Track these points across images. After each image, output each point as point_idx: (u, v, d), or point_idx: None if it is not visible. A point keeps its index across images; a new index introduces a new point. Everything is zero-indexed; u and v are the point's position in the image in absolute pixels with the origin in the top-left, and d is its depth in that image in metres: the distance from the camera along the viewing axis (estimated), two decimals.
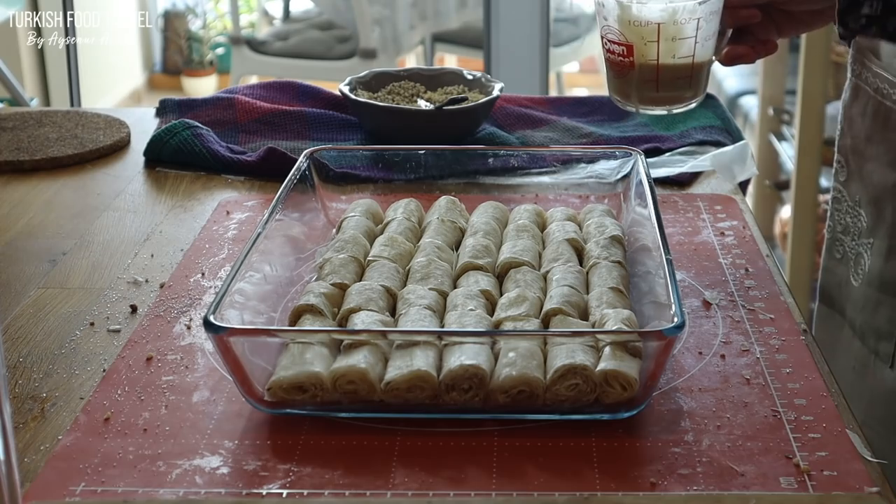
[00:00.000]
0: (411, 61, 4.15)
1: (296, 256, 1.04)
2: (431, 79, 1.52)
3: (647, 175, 1.05)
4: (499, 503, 0.73)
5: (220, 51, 5.06)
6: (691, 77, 1.02)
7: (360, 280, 0.96)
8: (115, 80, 4.73)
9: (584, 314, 0.90)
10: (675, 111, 1.05)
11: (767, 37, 1.07)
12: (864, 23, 0.82)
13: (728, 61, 1.07)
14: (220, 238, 1.14)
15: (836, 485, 0.74)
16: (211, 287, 1.02)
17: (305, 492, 0.74)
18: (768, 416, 0.81)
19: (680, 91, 1.03)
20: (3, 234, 1.17)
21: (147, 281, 1.05)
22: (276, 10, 4.83)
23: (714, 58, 1.05)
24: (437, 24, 4.06)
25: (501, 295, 0.93)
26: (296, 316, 0.90)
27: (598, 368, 0.79)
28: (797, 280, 2.64)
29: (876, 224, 1.09)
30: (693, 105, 1.05)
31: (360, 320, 0.87)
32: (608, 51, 1.03)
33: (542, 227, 1.09)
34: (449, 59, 4.19)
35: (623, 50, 1.01)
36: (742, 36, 1.06)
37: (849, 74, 1.17)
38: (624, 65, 1.01)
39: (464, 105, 1.39)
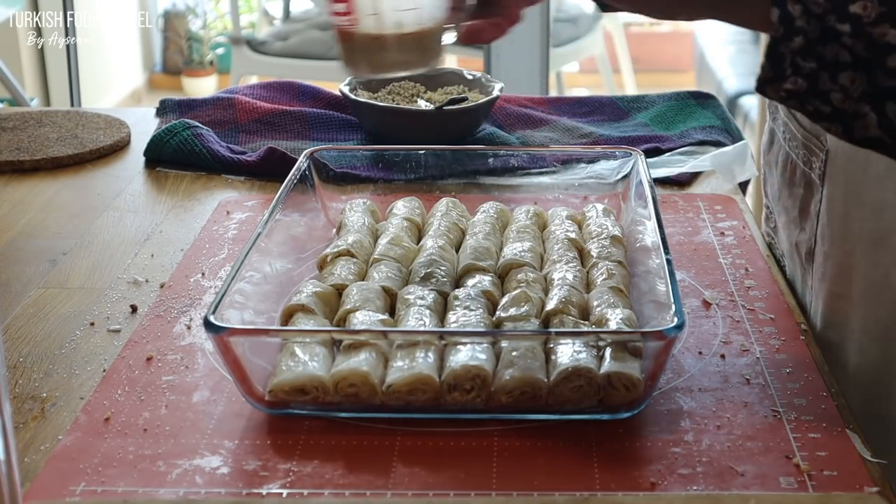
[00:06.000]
0: None
1: (296, 256, 1.04)
2: (431, 79, 1.51)
3: (647, 175, 1.05)
4: (499, 503, 0.73)
5: (220, 51, 5.06)
6: (420, 35, 0.92)
7: (361, 279, 0.96)
8: (115, 80, 4.73)
9: (584, 314, 0.90)
10: (409, 72, 0.96)
11: (512, 5, 0.93)
12: (784, 95, 0.74)
13: (467, 39, 0.95)
14: (220, 238, 1.14)
15: (836, 485, 0.74)
16: (211, 287, 1.02)
17: (305, 492, 0.74)
18: (768, 416, 0.81)
19: (411, 53, 0.93)
20: (3, 234, 1.17)
21: (147, 281, 1.05)
22: (276, 10, 4.83)
23: (453, 35, 0.94)
24: None
25: (503, 296, 0.93)
26: (287, 315, 0.90)
27: (602, 371, 0.79)
28: None
29: (791, 279, 1.06)
30: (426, 69, 0.95)
31: (360, 320, 0.87)
32: (332, 13, 0.92)
33: (543, 227, 1.09)
34: (449, 59, 4.19)
35: (344, 7, 0.91)
36: (484, 8, 0.93)
37: (767, 115, 1.12)
38: (347, 26, 0.91)
39: (464, 105, 1.39)
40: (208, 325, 0.78)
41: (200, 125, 1.39)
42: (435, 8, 0.92)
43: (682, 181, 1.29)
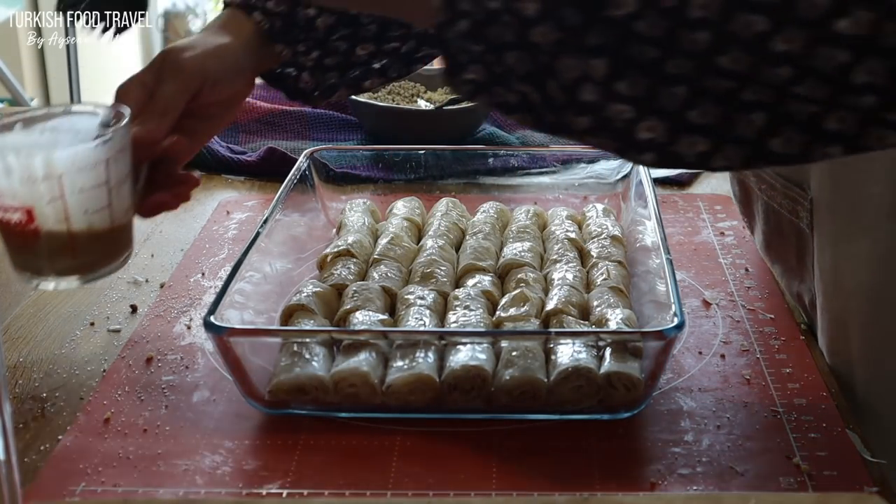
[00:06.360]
0: None
1: (296, 256, 1.04)
2: (431, 79, 1.51)
3: (648, 175, 1.05)
4: (499, 503, 0.73)
5: None
6: (112, 231, 0.80)
7: (361, 279, 0.96)
8: (115, 80, 4.72)
9: (584, 314, 0.90)
10: (101, 276, 0.82)
11: (187, 162, 0.90)
12: (470, 89, 0.67)
13: (149, 212, 0.86)
14: (220, 238, 1.14)
15: (836, 485, 0.74)
16: (211, 287, 1.02)
17: (305, 492, 0.74)
18: (768, 416, 0.81)
19: (104, 251, 0.81)
20: None
21: (147, 281, 1.05)
22: None
23: (131, 209, 0.83)
24: None
25: (503, 296, 0.93)
26: (287, 315, 0.90)
27: (602, 371, 0.79)
28: None
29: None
30: (122, 262, 0.83)
31: (360, 320, 0.87)
32: (1, 221, 0.78)
33: (543, 227, 1.09)
34: None
35: (21, 216, 0.76)
36: (157, 170, 0.85)
37: None
38: (27, 233, 0.77)
39: (464, 105, 1.39)
40: (208, 325, 0.78)
41: None
42: (125, 200, 0.81)
43: (682, 181, 1.29)
